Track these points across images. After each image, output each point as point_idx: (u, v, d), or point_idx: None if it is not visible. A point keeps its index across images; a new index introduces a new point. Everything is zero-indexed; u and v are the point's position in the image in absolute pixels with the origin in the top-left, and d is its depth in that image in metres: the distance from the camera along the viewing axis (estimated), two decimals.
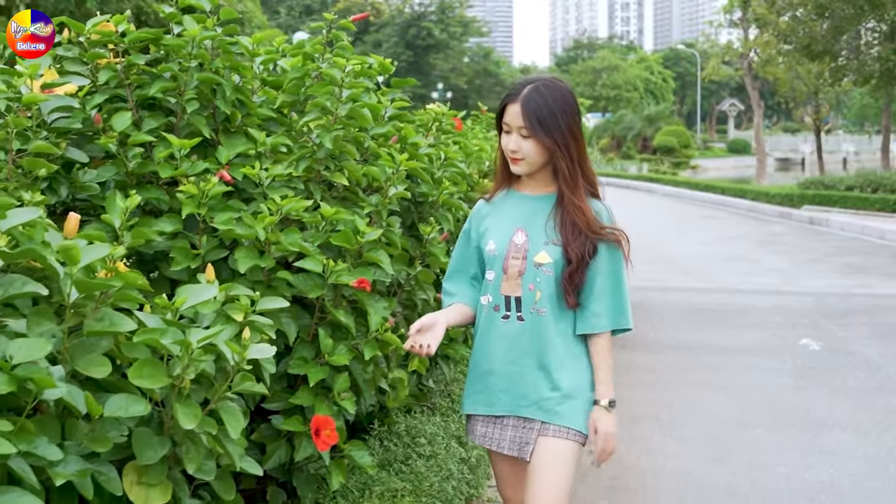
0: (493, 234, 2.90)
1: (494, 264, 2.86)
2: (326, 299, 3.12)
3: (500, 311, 2.85)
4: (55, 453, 2.07)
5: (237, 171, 3.26)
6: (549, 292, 2.79)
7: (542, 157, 2.79)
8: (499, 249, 2.85)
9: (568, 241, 2.78)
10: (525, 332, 2.81)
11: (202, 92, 3.40)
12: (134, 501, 2.33)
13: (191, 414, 2.31)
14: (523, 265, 2.81)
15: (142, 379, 2.27)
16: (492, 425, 2.90)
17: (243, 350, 2.44)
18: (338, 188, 3.59)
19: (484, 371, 2.89)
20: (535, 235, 2.82)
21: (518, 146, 2.77)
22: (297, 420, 3.03)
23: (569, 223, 2.79)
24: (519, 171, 2.84)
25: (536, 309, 2.80)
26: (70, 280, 2.26)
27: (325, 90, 3.40)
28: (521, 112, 2.74)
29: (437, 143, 4.39)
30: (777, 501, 4.75)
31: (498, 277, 2.85)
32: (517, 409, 2.84)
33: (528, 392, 2.81)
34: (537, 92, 2.75)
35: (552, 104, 2.74)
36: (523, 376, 2.82)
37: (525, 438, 2.83)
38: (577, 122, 2.80)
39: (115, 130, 3.15)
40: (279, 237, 3.02)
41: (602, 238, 2.80)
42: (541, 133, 2.72)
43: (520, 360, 2.82)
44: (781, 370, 7.49)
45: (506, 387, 2.84)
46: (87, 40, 3.55)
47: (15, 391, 1.99)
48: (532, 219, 2.86)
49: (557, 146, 2.74)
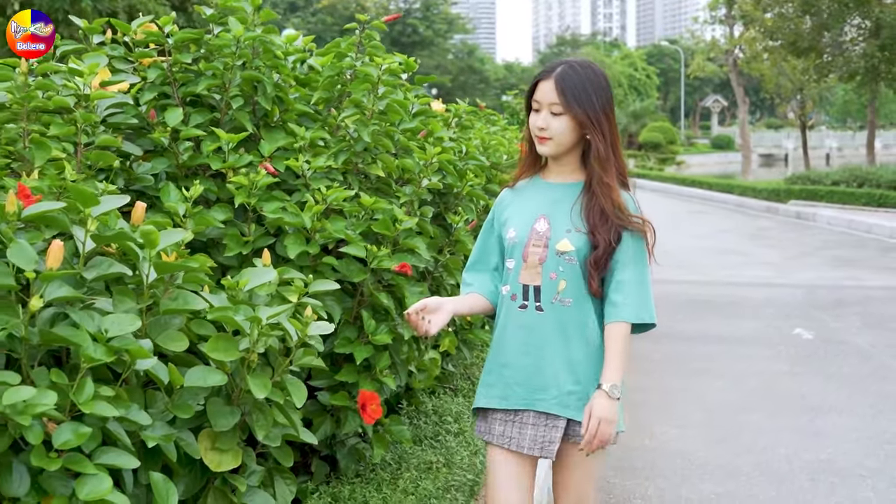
0: (514, 222, 2.78)
1: (514, 252, 2.74)
2: (369, 283, 3.32)
3: (517, 301, 2.73)
4: (145, 418, 2.27)
5: (279, 164, 3.46)
6: (573, 282, 2.68)
7: (572, 137, 2.68)
8: (519, 237, 2.74)
9: (595, 226, 2.66)
10: (544, 322, 2.69)
11: (243, 89, 3.60)
12: (208, 465, 2.53)
13: (261, 385, 2.51)
14: (544, 253, 2.69)
15: (217, 352, 2.47)
16: (510, 424, 2.73)
17: (305, 327, 2.65)
18: (371, 179, 3.79)
19: (499, 363, 2.77)
20: (558, 223, 2.71)
21: (547, 123, 2.66)
22: (344, 396, 3.23)
23: (597, 208, 2.67)
24: (546, 151, 2.72)
25: (560, 299, 2.68)
26: (149, 262, 2.46)
27: (363, 87, 3.60)
28: (554, 87, 2.64)
29: (458, 137, 4.59)
30: (779, 480, 4.97)
31: (517, 266, 2.73)
32: (534, 404, 2.69)
33: (548, 385, 2.68)
34: (572, 69, 2.67)
35: (586, 82, 2.65)
36: (541, 369, 2.69)
37: (549, 437, 2.68)
38: (610, 105, 2.71)
39: (169, 125, 3.34)
40: (325, 224, 3.22)
41: (628, 226, 2.68)
42: (574, 107, 2.62)
43: (536, 351, 2.69)
44: (776, 358, 7.73)
45: (521, 379, 2.71)
46: (132, 40, 3.74)
47: (112, 361, 2.18)
48: (556, 206, 2.74)
49: (591, 122, 2.64)
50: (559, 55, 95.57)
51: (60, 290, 2.17)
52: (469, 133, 4.82)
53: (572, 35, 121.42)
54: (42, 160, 2.66)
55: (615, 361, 2.67)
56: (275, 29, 3.73)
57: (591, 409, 2.60)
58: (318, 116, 3.87)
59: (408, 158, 3.73)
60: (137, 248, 2.45)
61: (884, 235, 16.57)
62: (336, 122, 3.76)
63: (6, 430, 1.99)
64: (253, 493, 2.67)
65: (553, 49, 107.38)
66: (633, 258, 2.72)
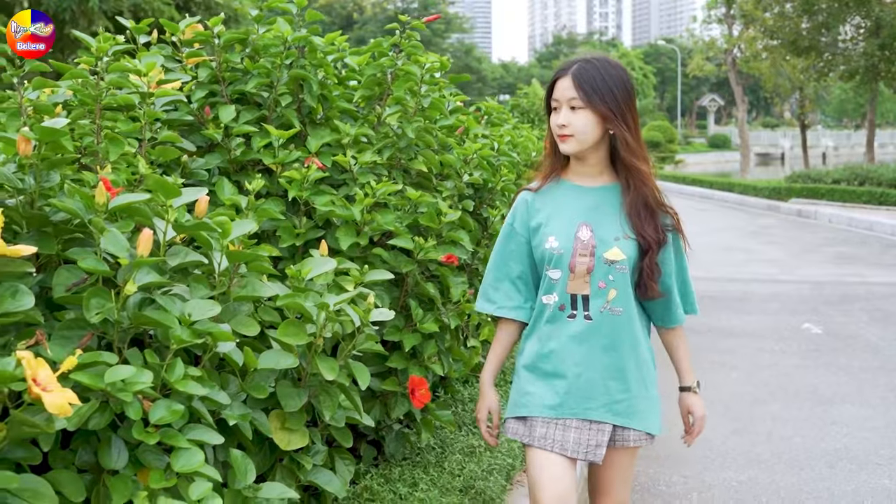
0: (553, 230, 2.70)
1: (560, 263, 2.67)
2: (415, 273, 3.46)
3: (565, 311, 2.68)
4: (225, 398, 2.40)
5: (325, 159, 3.60)
6: (624, 290, 2.65)
7: (594, 132, 2.63)
8: (564, 247, 2.66)
9: (642, 227, 2.65)
10: (594, 331, 2.65)
11: (290, 87, 3.73)
12: (278, 444, 2.66)
13: (330, 367, 2.65)
14: (591, 262, 2.64)
15: (287, 336, 2.61)
16: (552, 426, 2.68)
17: (366, 314, 2.78)
18: (411, 174, 3.92)
19: (546, 373, 2.71)
20: (604, 230, 2.66)
21: (567, 120, 2.61)
22: (393, 381, 3.36)
23: (640, 203, 2.67)
24: (568, 149, 2.66)
25: (610, 308, 2.65)
26: (222, 251, 2.60)
27: (407, 85, 3.74)
28: (571, 83, 2.60)
29: (490, 134, 4.73)
30: (799, 467, 5.11)
31: (564, 276, 2.67)
32: (582, 412, 2.66)
33: (597, 394, 2.66)
34: (588, 63, 2.63)
35: (605, 75, 2.61)
36: (592, 379, 2.66)
37: (595, 440, 2.67)
38: (632, 98, 2.67)
39: (222, 122, 3.47)
40: (376, 217, 3.35)
41: (667, 214, 2.71)
42: (594, 100, 2.58)
43: (586, 361, 2.66)
44: (787, 352, 7.87)
45: (571, 389, 2.67)
46: (180, 40, 3.87)
47: (196, 343, 2.32)
48: (597, 212, 2.69)
49: (613, 114, 2.60)
50: (556, 55, 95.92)
51: (148, 277, 2.30)
52: (500, 130, 4.95)
53: (569, 34, 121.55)
54: (116, 155, 2.78)
55: (687, 361, 2.88)
56: (318, 29, 3.86)
57: (692, 410, 2.88)
58: (355, 113, 3.99)
59: (448, 154, 3.86)
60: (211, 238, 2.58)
61: (885, 233, 16.72)
62: (376, 119, 3.89)
63: (108, 407, 2.12)
64: (317, 471, 2.80)
65: (550, 48, 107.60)
66: (676, 253, 2.77)
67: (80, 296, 2.23)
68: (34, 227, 2.40)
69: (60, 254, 2.37)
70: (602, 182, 2.75)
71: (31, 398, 1.83)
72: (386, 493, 3.22)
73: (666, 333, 2.88)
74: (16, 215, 2.36)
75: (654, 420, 2.78)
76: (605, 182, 2.75)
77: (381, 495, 3.23)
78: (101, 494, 2.18)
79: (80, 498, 2.07)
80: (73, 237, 2.47)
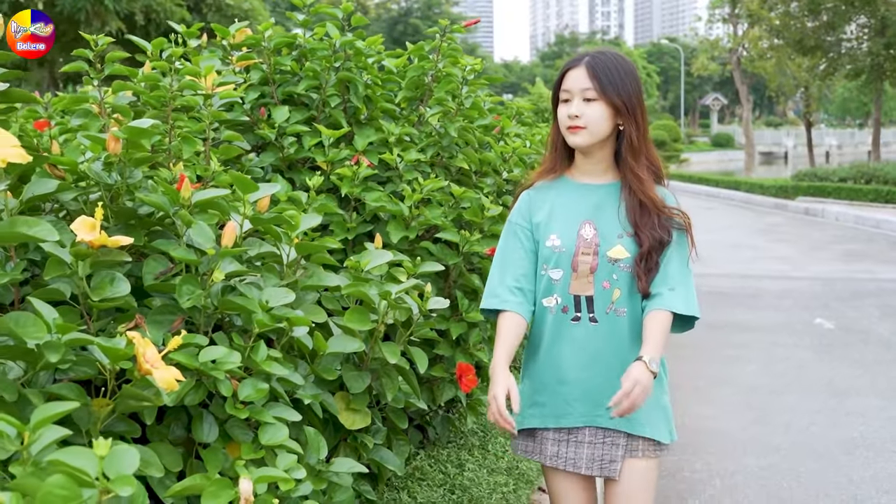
0: (554, 228, 2.62)
1: (561, 262, 2.58)
2: (461, 265, 3.64)
3: (569, 313, 2.58)
4: (300, 379, 2.58)
5: (373, 157, 3.78)
6: (628, 290, 2.56)
7: (606, 125, 2.54)
8: (566, 245, 2.58)
9: (638, 226, 2.55)
10: (600, 334, 2.56)
11: (336, 89, 3.91)
12: (343, 423, 2.84)
13: (392, 351, 2.83)
14: (595, 261, 2.55)
15: (353, 322, 2.79)
16: (564, 443, 2.61)
17: (424, 302, 2.96)
18: (452, 171, 4.10)
19: (552, 380, 2.62)
20: (607, 228, 2.58)
21: (580, 111, 2.51)
22: (441, 367, 3.54)
23: (636, 204, 2.57)
24: (579, 141, 2.55)
25: (615, 309, 2.56)
26: (291, 243, 2.78)
27: (449, 87, 3.92)
28: (586, 73, 2.52)
29: (524, 133, 4.92)
30: (816, 455, 5.29)
31: (566, 276, 2.58)
32: (594, 420, 2.58)
33: (606, 400, 2.47)
34: (603, 55, 2.56)
35: (619, 67, 2.54)
36: (600, 383, 2.55)
37: (609, 455, 2.58)
38: (642, 94, 2.60)
39: (276, 122, 3.65)
40: (424, 212, 3.53)
41: (669, 217, 2.58)
42: (610, 92, 2.50)
43: (594, 365, 2.57)
44: (801, 346, 8.05)
45: (580, 395, 2.58)
46: (230, 43, 4.05)
47: (273, 327, 2.50)
48: (600, 209, 2.61)
49: (626, 108, 2.52)
50: (559, 54, 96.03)
51: (231, 266, 2.48)
52: (533, 129, 5.14)
53: (571, 33, 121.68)
54: (189, 153, 2.97)
55: (655, 338, 2.48)
56: (362, 33, 4.04)
57: (630, 373, 2.39)
58: (398, 114, 4.17)
59: (486, 152, 4.04)
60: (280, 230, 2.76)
61: (892, 230, 16.90)
62: (417, 119, 4.07)
63: (201, 385, 2.30)
64: (378, 449, 2.99)
65: (552, 47, 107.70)
66: (677, 252, 2.59)
67: (169, 283, 2.42)
68: (121, 221, 2.58)
69: (147, 245, 2.55)
70: (606, 180, 2.66)
71: (140, 374, 2.01)
72: (436, 474, 3.41)
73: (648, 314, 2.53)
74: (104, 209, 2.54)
75: (665, 428, 2.65)
76: (609, 180, 2.66)
77: (432, 475, 3.41)
78: (193, 466, 2.36)
79: (177, 468, 2.25)
80: (154, 229, 2.65)
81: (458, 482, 3.47)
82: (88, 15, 19.05)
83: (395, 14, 75.34)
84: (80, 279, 2.21)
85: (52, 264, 2.16)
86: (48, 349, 1.90)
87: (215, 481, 1.96)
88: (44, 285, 2.24)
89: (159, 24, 22.00)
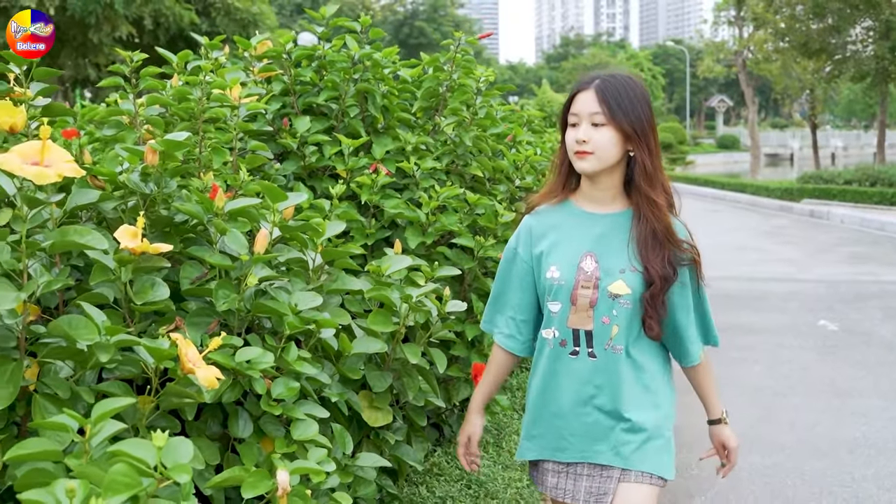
0: (555, 259, 2.54)
1: (560, 295, 2.51)
2: (476, 270, 3.78)
3: (567, 347, 2.51)
4: (327, 378, 2.73)
5: (390, 165, 3.92)
6: (626, 326, 2.47)
7: (615, 151, 2.44)
8: (565, 278, 2.49)
9: (648, 259, 2.45)
10: (598, 369, 2.49)
11: (355, 99, 4.06)
12: (367, 420, 2.99)
13: (414, 352, 2.98)
14: (595, 295, 2.46)
15: (376, 325, 2.94)
16: (563, 475, 2.57)
17: (443, 305, 3.11)
18: (466, 179, 4.25)
19: (550, 413, 2.57)
20: (609, 261, 2.48)
21: (588, 136, 2.42)
22: (457, 368, 3.69)
23: (647, 235, 2.47)
24: (587, 167, 2.45)
25: (612, 346, 2.47)
26: (316, 249, 2.93)
27: (464, 98, 4.07)
28: (595, 97, 2.43)
29: (534, 141, 5.07)
30: (822, 454, 5.43)
31: (565, 309, 2.50)
32: (591, 456, 2.52)
33: (603, 436, 2.50)
34: (613, 77, 2.47)
35: (629, 91, 2.45)
36: (597, 420, 2.50)
37: (603, 489, 2.51)
38: (653, 118, 2.51)
39: (298, 132, 3.80)
40: (440, 218, 3.68)
41: (680, 251, 2.51)
42: (619, 117, 2.41)
43: (592, 400, 2.50)
44: (805, 347, 8.18)
45: (577, 430, 2.53)
46: (252, 55, 4.20)
47: (302, 329, 2.64)
48: (603, 241, 2.51)
49: (637, 135, 2.43)
50: (564, 56, 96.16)
51: (263, 271, 2.63)
52: (543, 136, 5.29)
53: (577, 35, 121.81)
54: (218, 163, 3.12)
55: (712, 393, 2.73)
56: (380, 45, 4.19)
57: (725, 440, 2.72)
58: (414, 123, 4.32)
59: (499, 160, 4.19)
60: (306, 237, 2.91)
61: None
62: (431, 128, 4.22)
63: (237, 383, 2.45)
64: (399, 445, 3.14)
65: (558, 49, 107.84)
66: (693, 290, 2.57)
67: (205, 287, 2.57)
68: (158, 229, 2.73)
69: (183, 251, 2.70)
70: (613, 209, 2.55)
71: (182, 373, 2.15)
72: (452, 469, 3.55)
73: (686, 370, 2.72)
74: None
75: (666, 463, 2.55)
76: (617, 209, 2.55)
77: (448, 471, 3.56)
78: (229, 459, 2.50)
79: (216, 461, 2.41)
80: (187, 237, 2.79)
81: (474, 478, 3.61)
82: (99, 19, 19.19)
83: (401, 17, 75.57)
84: (122, 284, 2.36)
85: (98, 270, 2.30)
86: (99, 349, 2.04)
87: (254, 472, 2.11)
88: (87, 290, 2.39)
89: (168, 28, 22.13)
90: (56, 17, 18.70)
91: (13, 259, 2.09)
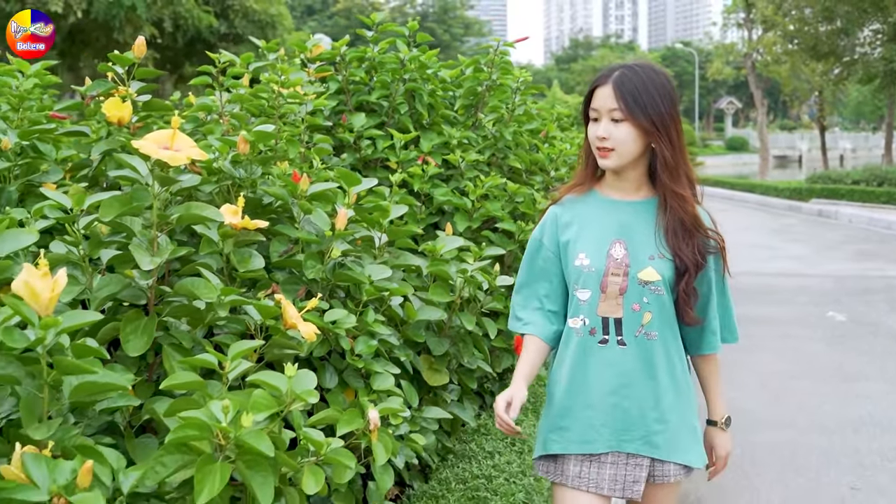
0: (583, 246, 2.50)
1: (589, 282, 2.46)
2: (516, 251, 4.18)
3: (596, 335, 2.46)
4: (396, 340, 3.11)
5: (437, 157, 4.32)
6: (660, 313, 2.45)
7: (636, 146, 2.42)
8: (595, 265, 2.46)
9: (679, 248, 2.44)
10: (628, 357, 2.44)
11: (404, 97, 4.45)
12: (427, 381, 3.38)
13: (469, 320, 3.36)
14: (625, 282, 2.43)
15: (437, 295, 3.33)
16: (587, 463, 2.49)
17: (494, 279, 3.50)
18: (504, 170, 4.64)
19: (578, 405, 2.49)
20: (638, 248, 2.46)
21: (608, 132, 2.40)
22: (501, 339, 4.07)
23: (676, 225, 2.46)
24: (609, 164, 2.45)
25: (645, 332, 2.44)
26: (382, 229, 3.32)
27: (504, 97, 4.46)
28: (612, 93, 2.39)
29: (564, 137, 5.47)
30: (828, 431, 5.81)
31: (594, 297, 2.46)
32: (619, 445, 2.46)
33: (633, 425, 2.46)
34: (631, 71, 2.42)
35: (648, 84, 2.40)
36: (627, 409, 2.45)
37: (632, 476, 2.47)
38: (676, 108, 2.46)
39: (354, 127, 4.19)
40: (484, 205, 4.07)
41: (707, 239, 2.49)
42: (637, 113, 2.37)
43: (622, 389, 2.45)
44: (813, 337, 8.56)
45: (607, 420, 2.46)
46: (307, 57, 4.59)
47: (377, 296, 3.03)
48: (631, 228, 2.49)
49: (656, 129, 2.39)
50: (573, 57, 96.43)
51: (343, 246, 3.02)
52: (572, 133, 5.68)
53: (585, 37, 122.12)
54: (294, 153, 3.50)
55: (718, 393, 2.65)
56: (425, 48, 4.58)
57: (715, 448, 2.61)
58: (454, 119, 4.71)
59: (536, 153, 4.59)
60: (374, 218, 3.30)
61: None
62: (472, 123, 4.61)
63: (325, 340, 2.84)
64: (454, 404, 3.53)
65: (567, 51, 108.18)
66: (717, 278, 2.56)
67: (294, 259, 2.96)
68: (247, 210, 3.12)
69: (270, 229, 3.08)
70: (638, 196, 2.54)
71: (285, 328, 2.54)
72: (498, 431, 3.93)
73: (698, 361, 2.65)
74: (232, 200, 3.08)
75: (696, 452, 2.53)
76: (642, 196, 2.54)
77: (494, 431, 3.94)
78: (317, 407, 2.89)
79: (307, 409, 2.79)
80: (271, 217, 3.18)
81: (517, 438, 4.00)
82: (121, 22, 19.64)
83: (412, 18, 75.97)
84: (224, 255, 2.75)
85: (206, 242, 2.70)
86: (217, 306, 2.43)
87: (347, 412, 2.50)
88: (189, 261, 2.77)
89: (186, 31, 22.56)
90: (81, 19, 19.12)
91: (145, 230, 2.47)
